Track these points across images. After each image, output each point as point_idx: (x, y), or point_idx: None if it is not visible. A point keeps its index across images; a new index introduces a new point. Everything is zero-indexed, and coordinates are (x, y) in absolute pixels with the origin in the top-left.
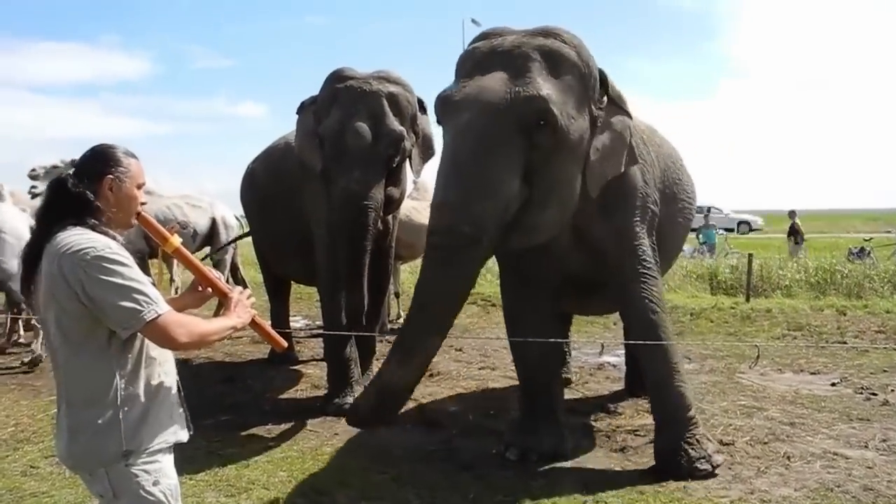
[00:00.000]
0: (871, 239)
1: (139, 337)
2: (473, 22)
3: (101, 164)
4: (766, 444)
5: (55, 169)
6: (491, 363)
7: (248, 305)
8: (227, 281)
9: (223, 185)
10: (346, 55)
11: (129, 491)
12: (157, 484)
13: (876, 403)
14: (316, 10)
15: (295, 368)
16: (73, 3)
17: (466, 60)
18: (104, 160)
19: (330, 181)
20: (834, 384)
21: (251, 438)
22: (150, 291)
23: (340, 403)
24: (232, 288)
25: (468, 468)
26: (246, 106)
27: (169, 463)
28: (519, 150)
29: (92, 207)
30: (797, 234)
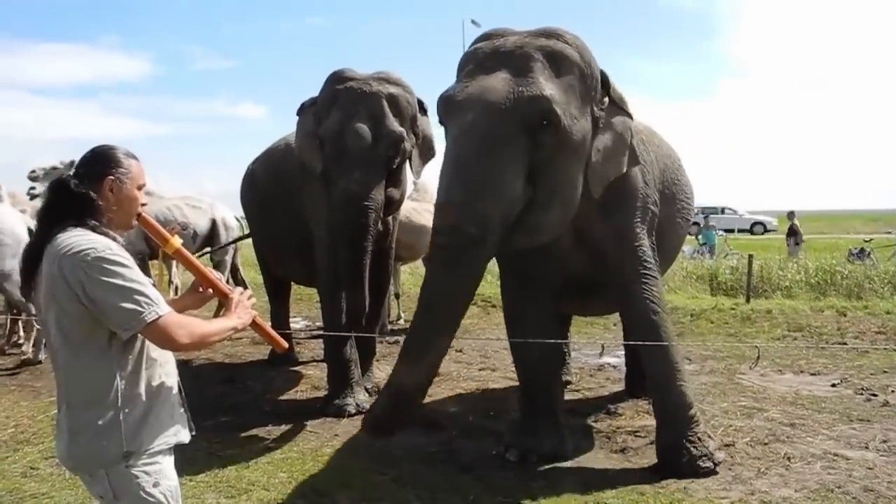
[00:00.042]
0: (871, 240)
1: (140, 338)
2: (473, 23)
3: (101, 165)
4: (766, 444)
5: (54, 170)
6: (491, 364)
7: (248, 306)
8: (227, 282)
9: (223, 185)
10: (346, 56)
11: (129, 492)
12: (157, 485)
13: (876, 404)
14: (316, 11)
15: (295, 369)
16: (72, 4)
17: (468, 61)
18: (105, 161)
19: (330, 182)
20: (834, 385)
21: (251, 439)
22: (150, 293)
23: (341, 404)
24: (232, 289)
25: (468, 469)
26: (246, 107)
27: (169, 464)
28: (522, 150)
29: (93, 208)
30: (796, 234)
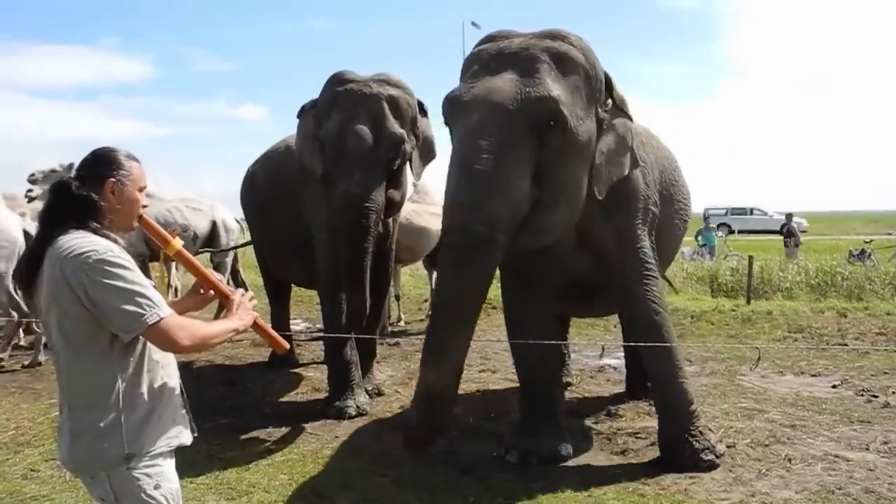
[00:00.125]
0: (871, 241)
1: (141, 340)
2: (473, 25)
3: (102, 167)
4: (766, 446)
5: (54, 173)
6: (491, 366)
7: (249, 308)
8: (227, 284)
9: (223, 187)
10: (346, 58)
11: (130, 494)
12: (158, 487)
13: (877, 405)
14: (316, 13)
15: (295, 371)
16: (73, 5)
17: (473, 62)
18: (106, 163)
19: (331, 184)
20: (835, 386)
21: (252, 441)
22: (152, 295)
23: (341, 406)
24: (233, 290)
25: (469, 471)
26: (246, 109)
27: (170, 466)
28: (529, 150)
29: (94, 211)
30: (794, 236)
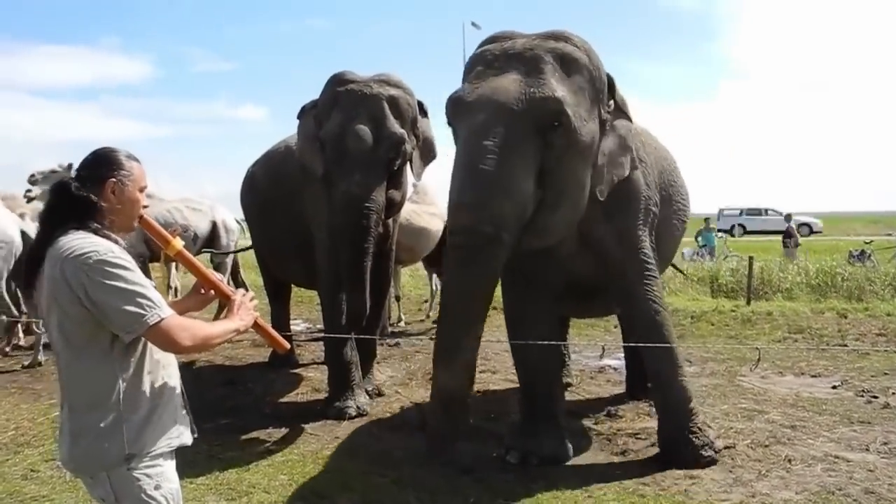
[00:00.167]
0: (871, 242)
1: (142, 340)
2: (474, 25)
3: (103, 167)
4: (767, 447)
5: (53, 174)
6: (492, 366)
7: (250, 308)
8: (227, 284)
9: (223, 187)
10: (346, 59)
11: (130, 495)
12: (158, 488)
13: (877, 406)
14: (316, 13)
15: (295, 372)
16: (72, 5)
17: (476, 62)
18: (106, 163)
19: (331, 185)
20: (835, 387)
21: (252, 442)
22: (152, 295)
23: (341, 407)
24: (234, 290)
25: (469, 471)
26: (246, 109)
27: (171, 467)
28: (533, 150)
29: (94, 211)
30: (793, 237)
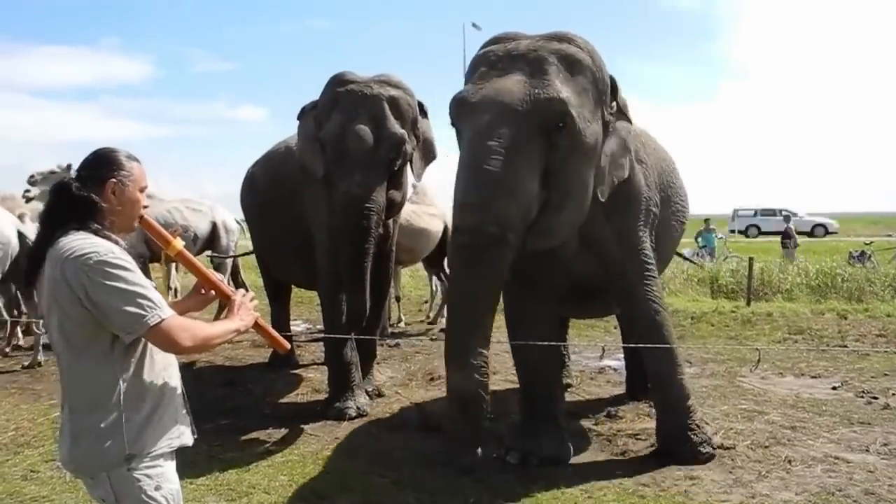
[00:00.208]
0: (871, 242)
1: (142, 341)
2: (474, 26)
3: (103, 167)
4: (767, 447)
5: (52, 174)
6: (492, 367)
7: (251, 308)
8: (227, 284)
9: (223, 188)
10: (346, 59)
11: (131, 495)
12: (158, 489)
13: (877, 407)
14: (317, 13)
15: (295, 372)
16: (73, 6)
17: (480, 63)
18: (107, 164)
19: (331, 185)
20: (835, 388)
21: (252, 442)
22: (153, 296)
23: (341, 407)
24: (234, 290)
25: (469, 472)
26: (246, 109)
27: (171, 467)
28: (538, 151)
29: (95, 211)
30: (791, 238)
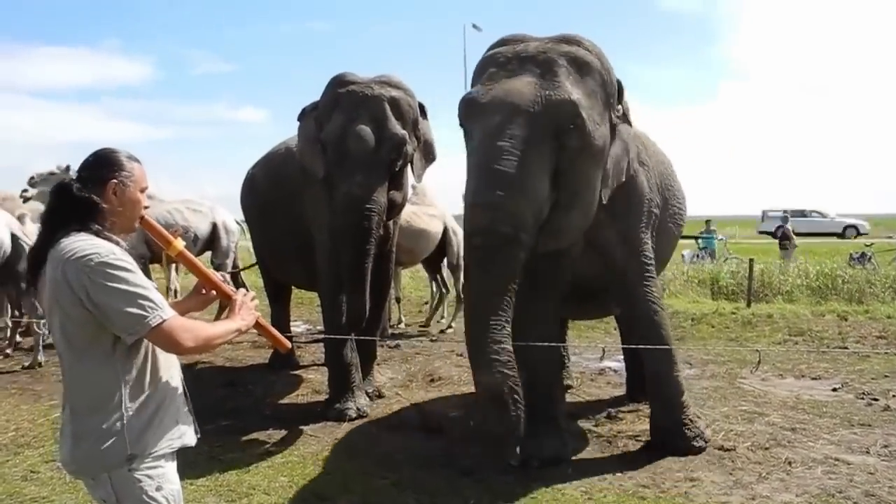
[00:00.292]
0: (871, 244)
1: (144, 342)
2: (475, 27)
3: (104, 168)
4: (767, 449)
5: (52, 176)
6: None
7: (251, 307)
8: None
9: (224, 189)
10: (347, 60)
11: (131, 496)
12: (159, 489)
13: (877, 409)
14: (317, 15)
15: (296, 373)
16: (73, 7)
17: (488, 64)
18: (108, 165)
19: (332, 186)
20: (835, 389)
21: (252, 443)
22: (154, 297)
23: (341, 408)
24: (235, 290)
25: (469, 473)
26: (246, 111)
27: (172, 468)
28: (549, 152)
29: (96, 212)
30: (789, 239)
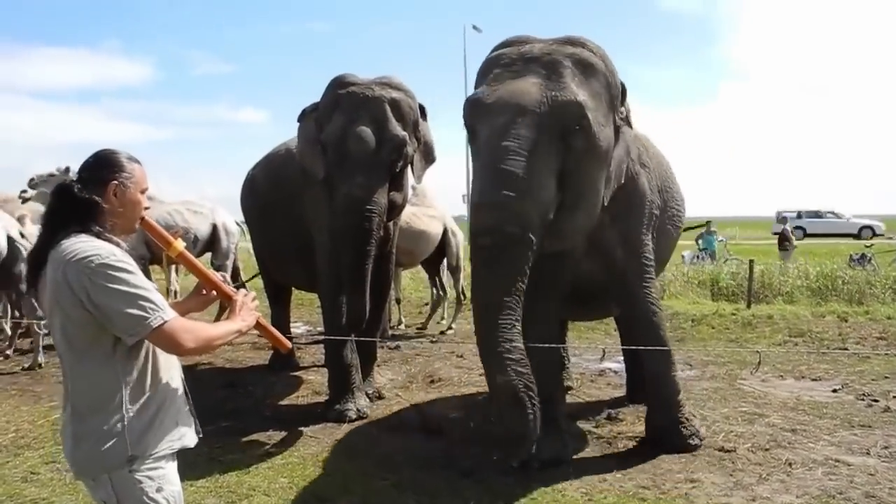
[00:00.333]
0: (872, 245)
1: (145, 343)
2: (475, 28)
3: (105, 169)
4: (767, 450)
5: (52, 177)
6: None
7: (252, 308)
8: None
9: (224, 190)
10: (347, 61)
11: (132, 497)
12: (160, 490)
13: (877, 410)
14: (317, 15)
15: (296, 374)
16: (73, 7)
17: (492, 65)
18: (108, 166)
19: (332, 187)
20: (835, 391)
21: (252, 444)
22: (155, 298)
23: (341, 410)
24: (235, 291)
25: (469, 474)
26: (247, 112)
27: (172, 469)
28: (555, 153)
29: (97, 213)
30: (787, 240)
